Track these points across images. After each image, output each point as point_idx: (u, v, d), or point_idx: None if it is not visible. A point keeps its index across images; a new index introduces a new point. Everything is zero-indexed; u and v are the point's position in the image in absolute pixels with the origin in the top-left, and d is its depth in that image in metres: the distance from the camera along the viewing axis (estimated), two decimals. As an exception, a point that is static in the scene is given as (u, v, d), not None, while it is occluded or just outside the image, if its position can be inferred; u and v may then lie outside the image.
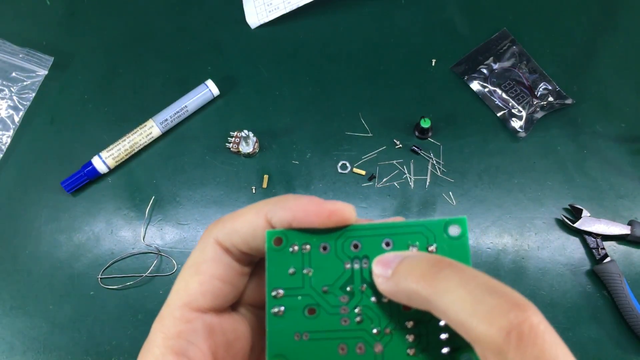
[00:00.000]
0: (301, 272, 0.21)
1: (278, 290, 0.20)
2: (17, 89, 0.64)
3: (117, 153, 0.59)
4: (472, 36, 0.66)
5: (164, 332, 0.21)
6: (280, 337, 0.20)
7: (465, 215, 0.21)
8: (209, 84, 0.62)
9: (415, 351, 0.19)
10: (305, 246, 0.21)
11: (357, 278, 0.20)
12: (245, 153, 0.60)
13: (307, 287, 0.20)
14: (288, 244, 0.21)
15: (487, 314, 0.16)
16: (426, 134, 0.61)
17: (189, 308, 0.21)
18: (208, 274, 0.21)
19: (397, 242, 0.20)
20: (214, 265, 0.21)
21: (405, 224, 0.21)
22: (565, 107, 0.63)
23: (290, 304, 0.20)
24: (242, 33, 0.67)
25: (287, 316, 0.20)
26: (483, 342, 0.16)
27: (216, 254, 0.22)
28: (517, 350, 0.15)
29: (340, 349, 0.20)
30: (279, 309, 0.20)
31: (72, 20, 0.68)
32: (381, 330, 0.20)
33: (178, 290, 0.22)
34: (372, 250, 0.20)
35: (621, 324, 0.55)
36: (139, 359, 0.22)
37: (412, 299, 0.18)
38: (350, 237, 0.21)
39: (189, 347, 0.21)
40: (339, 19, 0.67)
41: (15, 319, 0.56)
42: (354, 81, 0.64)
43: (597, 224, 0.57)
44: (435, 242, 0.20)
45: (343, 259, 0.21)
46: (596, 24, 0.67)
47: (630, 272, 0.56)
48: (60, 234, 0.59)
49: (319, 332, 0.20)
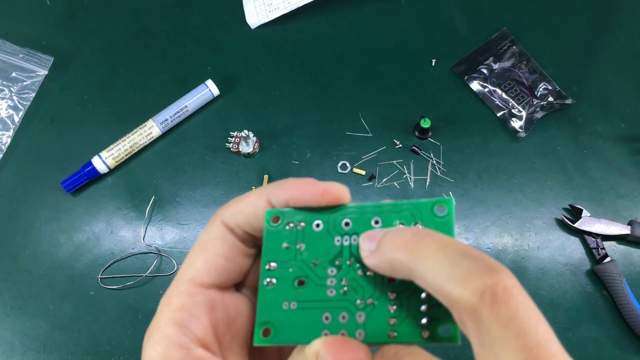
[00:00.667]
0: (294, 247, 0.22)
1: (271, 263, 0.22)
2: (17, 89, 0.64)
3: (117, 153, 0.59)
4: (472, 36, 0.66)
5: (168, 305, 0.22)
6: (269, 306, 0.21)
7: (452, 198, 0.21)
8: (209, 84, 0.62)
9: (395, 321, 0.20)
10: (300, 223, 0.22)
11: (346, 253, 0.21)
12: (245, 153, 0.60)
13: (298, 260, 0.22)
14: (285, 222, 0.22)
15: (463, 277, 0.17)
16: (426, 134, 0.61)
17: (193, 283, 0.22)
18: (212, 251, 0.22)
19: (385, 220, 0.21)
20: (218, 243, 0.23)
21: (394, 204, 0.21)
22: (565, 107, 0.63)
23: (282, 275, 0.21)
24: (242, 33, 0.67)
25: (278, 286, 0.21)
26: (459, 304, 0.17)
27: (221, 233, 0.23)
28: (491, 310, 0.16)
29: (325, 317, 0.21)
30: (271, 280, 0.21)
31: (72, 20, 0.68)
32: (364, 301, 0.20)
33: (185, 267, 0.23)
34: (361, 227, 0.21)
35: (621, 324, 0.55)
36: (147, 331, 0.22)
37: (394, 267, 0.19)
38: (342, 216, 0.22)
39: (191, 320, 0.21)
40: (339, 19, 0.67)
41: (16, 319, 0.56)
42: (354, 81, 0.64)
43: (597, 224, 0.57)
44: (422, 221, 0.21)
45: (334, 235, 0.22)
46: (596, 24, 0.67)
47: (630, 272, 0.56)
48: (61, 234, 0.59)
49: (306, 301, 0.21)
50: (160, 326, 0.22)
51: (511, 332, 0.16)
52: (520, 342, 0.16)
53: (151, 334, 0.22)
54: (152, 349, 0.21)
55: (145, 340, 0.22)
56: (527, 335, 0.16)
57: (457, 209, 0.59)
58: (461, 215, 0.59)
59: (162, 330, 0.21)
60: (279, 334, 0.21)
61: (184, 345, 0.21)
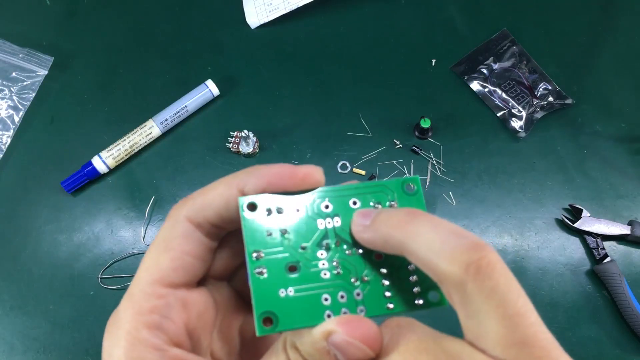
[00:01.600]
0: (278, 233, 0.22)
1: (259, 252, 0.21)
2: (17, 89, 0.64)
3: (117, 153, 0.59)
4: (472, 36, 0.66)
5: (135, 308, 0.21)
6: (265, 295, 0.21)
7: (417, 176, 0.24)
8: (209, 84, 0.62)
9: (391, 294, 0.22)
10: (280, 209, 0.22)
11: (331, 235, 0.22)
12: (245, 153, 0.60)
13: (286, 247, 0.22)
14: (262, 209, 0.22)
15: (450, 253, 0.18)
16: (426, 134, 0.61)
17: (161, 284, 0.22)
18: (179, 250, 0.22)
19: (363, 200, 0.23)
20: (184, 241, 0.22)
21: (369, 184, 0.23)
22: (565, 107, 0.63)
23: (271, 263, 0.21)
24: (242, 33, 0.67)
25: (270, 275, 0.21)
26: (446, 278, 0.18)
27: (187, 231, 0.22)
28: (475, 282, 0.17)
29: (324, 299, 0.21)
30: (261, 269, 0.21)
31: (73, 20, 0.68)
32: (359, 278, 0.22)
33: (148, 268, 0.22)
34: (342, 209, 0.22)
35: (621, 324, 0.55)
36: (107, 336, 0.22)
37: (388, 243, 0.20)
38: (321, 198, 0.22)
39: (163, 321, 0.21)
40: (339, 19, 0.67)
41: (15, 319, 0.56)
42: (354, 81, 0.64)
43: (597, 224, 0.57)
44: (396, 199, 0.23)
45: (316, 218, 0.22)
46: (596, 24, 0.67)
47: (630, 272, 0.56)
48: (61, 234, 0.59)
49: (302, 286, 0.21)
50: (127, 329, 0.21)
51: (493, 302, 0.17)
52: (500, 311, 0.17)
53: (118, 339, 0.21)
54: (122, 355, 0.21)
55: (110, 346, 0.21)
56: (508, 305, 0.17)
57: (457, 209, 0.59)
58: (461, 215, 0.59)
59: (131, 334, 0.21)
60: (282, 322, 0.21)
61: (158, 347, 0.21)
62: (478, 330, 0.18)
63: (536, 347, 0.17)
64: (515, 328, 0.17)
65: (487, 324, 0.17)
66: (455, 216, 0.59)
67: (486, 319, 0.17)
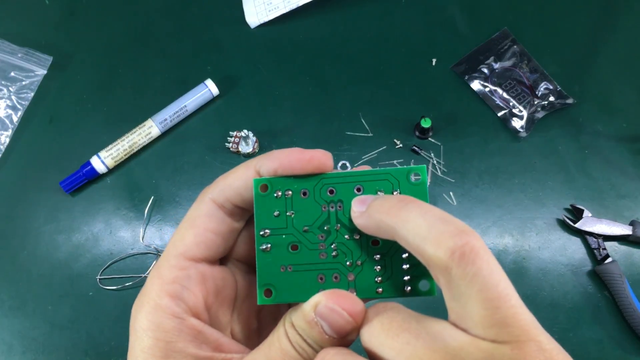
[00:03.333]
0: (285, 214, 0.23)
1: (265, 230, 0.23)
2: (15, 89, 0.63)
3: (116, 153, 0.59)
4: (472, 36, 0.66)
5: (160, 277, 0.23)
6: (268, 270, 0.23)
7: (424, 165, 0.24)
8: (208, 83, 0.62)
9: (382, 279, 0.23)
10: (288, 192, 0.24)
11: (333, 219, 0.24)
12: (245, 153, 0.60)
13: (290, 227, 0.24)
14: (273, 190, 0.24)
15: (437, 239, 0.19)
16: (426, 133, 0.61)
17: (184, 257, 0.24)
18: (202, 227, 0.24)
19: (366, 187, 0.24)
20: (207, 219, 0.24)
21: (374, 172, 0.24)
22: (567, 107, 0.63)
23: (276, 241, 0.23)
24: (242, 32, 0.67)
25: (274, 252, 0.23)
26: (433, 262, 0.19)
27: (210, 209, 0.24)
28: (459, 267, 0.18)
29: (319, 278, 0.23)
30: (267, 246, 0.23)
31: (71, 19, 0.68)
32: (353, 262, 0.23)
33: (174, 242, 0.24)
34: (345, 195, 0.24)
35: (622, 325, 0.54)
36: (135, 303, 0.24)
37: (380, 228, 0.21)
38: (327, 184, 0.24)
39: (183, 291, 0.23)
40: (339, 18, 0.67)
41: (14, 320, 0.56)
42: (354, 81, 0.64)
43: (598, 224, 0.57)
44: (399, 188, 0.23)
45: (320, 203, 0.24)
46: (597, 23, 0.67)
47: (632, 273, 0.56)
48: (59, 235, 0.58)
49: (301, 264, 0.23)
50: (152, 297, 0.23)
51: (475, 285, 0.18)
52: (482, 294, 0.18)
53: (142, 305, 0.23)
54: (144, 319, 0.22)
55: (136, 311, 0.23)
56: (489, 289, 0.18)
57: (458, 209, 0.59)
58: (462, 215, 0.59)
59: (154, 300, 0.23)
60: (280, 294, 0.23)
61: (177, 315, 0.22)
62: (461, 312, 0.18)
63: (515, 327, 0.18)
64: (496, 310, 0.18)
65: (470, 306, 0.18)
66: (456, 216, 0.58)
67: (469, 302, 0.18)
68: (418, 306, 0.55)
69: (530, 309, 0.54)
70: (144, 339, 0.22)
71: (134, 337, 0.23)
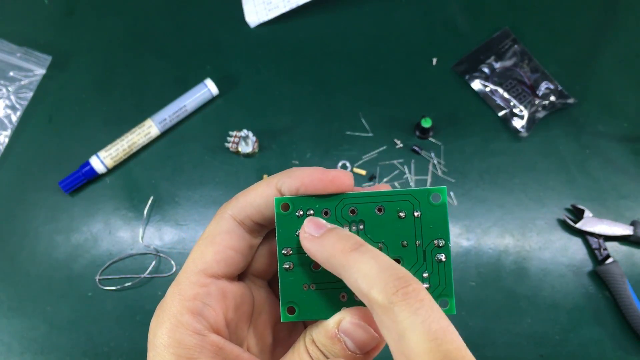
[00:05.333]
0: None
1: (287, 249, 0.24)
2: (14, 89, 0.63)
3: (116, 153, 0.59)
4: (473, 35, 0.66)
5: (181, 294, 0.24)
6: (291, 288, 0.24)
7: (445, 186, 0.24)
8: (208, 83, 0.62)
9: None
10: (309, 211, 0.24)
11: None
12: (244, 153, 0.60)
13: None
14: (294, 209, 0.24)
15: (384, 281, 0.20)
16: (427, 133, 0.61)
17: (205, 274, 0.24)
18: (222, 244, 0.24)
19: (387, 208, 0.24)
20: (228, 236, 0.24)
21: (395, 192, 0.24)
22: (567, 107, 0.62)
23: (298, 260, 0.24)
24: (242, 32, 0.66)
25: (296, 270, 0.24)
26: (377, 302, 0.20)
27: (230, 227, 0.25)
28: (402, 303, 0.19)
29: (341, 296, 0.24)
30: (289, 265, 0.24)
31: (71, 19, 0.67)
32: None
33: (194, 259, 0.24)
34: (367, 215, 0.24)
35: (623, 325, 0.54)
36: (154, 318, 0.24)
37: (329, 262, 0.22)
38: (348, 204, 0.24)
39: (204, 308, 0.23)
40: (339, 18, 0.67)
41: (13, 320, 0.55)
42: (354, 81, 0.64)
43: (599, 225, 0.57)
44: (420, 209, 0.24)
45: (342, 222, 0.24)
46: (598, 23, 0.67)
47: (633, 273, 0.56)
48: (58, 235, 0.58)
49: (323, 283, 0.24)
50: (172, 313, 0.23)
51: (419, 318, 0.19)
52: (426, 326, 0.18)
53: (162, 321, 0.23)
54: (165, 335, 0.23)
55: (156, 327, 0.23)
56: (433, 321, 0.19)
57: (459, 210, 0.59)
58: (462, 215, 0.58)
59: (175, 317, 0.23)
60: (303, 312, 0.23)
61: (198, 332, 0.23)
62: (405, 349, 0.19)
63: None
64: (440, 343, 0.18)
65: (413, 339, 0.18)
66: (457, 216, 0.58)
67: (413, 335, 0.18)
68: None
69: (531, 309, 0.54)
70: (165, 356, 0.22)
71: (153, 353, 0.23)
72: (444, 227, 0.24)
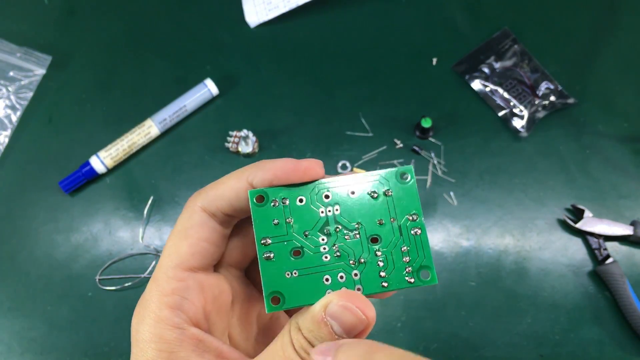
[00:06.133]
0: (284, 222, 0.24)
1: (266, 239, 0.24)
2: (14, 88, 0.63)
3: (116, 153, 0.59)
4: (473, 35, 0.66)
5: (159, 290, 0.24)
6: (273, 277, 0.23)
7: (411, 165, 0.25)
8: (208, 83, 0.62)
9: (385, 273, 0.24)
10: (284, 200, 0.24)
11: (332, 222, 0.24)
12: (244, 153, 0.60)
13: (290, 234, 0.24)
14: (269, 200, 0.24)
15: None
16: (427, 133, 0.61)
17: (181, 268, 0.24)
18: (196, 237, 0.25)
19: (360, 190, 0.25)
20: (201, 229, 0.25)
21: (365, 175, 0.25)
22: (568, 107, 0.62)
23: (278, 249, 0.24)
24: (242, 32, 0.66)
25: (277, 259, 0.24)
26: None
27: (202, 219, 0.25)
28: None
29: (325, 279, 0.24)
30: (269, 254, 0.24)
31: (71, 19, 0.67)
32: (356, 260, 0.24)
33: (170, 254, 0.24)
34: (340, 199, 0.25)
35: (623, 326, 0.54)
36: (135, 316, 0.24)
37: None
38: (322, 189, 0.25)
39: (183, 302, 0.24)
40: (339, 18, 0.67)
41: (13, 320, 0.55)
42: (354, 81, 0.64)
43: (599, 225, 0.57)
44: (391, 188, 0.25)
45: (317, 207, 0.24)
46: (598, 23, 0.67)
47: (633, 273, 0.56)
48: (58, 235, 0.58)
49: (305, 268, 0.24)
50: (152, 309, 0.23)
51: None
52: None
53: (143, 317, 0.23)
54: (147, 331, 0.23)
55: (137, 323, 0.24)
56: None
57: (459, 210, 0.59)
58: (462, 215, 0.58)
59: (155, 312, 0.23)
60: (288, 300, 0.23)
61: (178, 326, 0.23)
62: None
63: None
64: None
65: None
66: (457, 216, 0.58)
67: None
68: (420, 306, 0.55)
69: (531, 309, 0.54)
70: (148, 351, 0.23)
71: (137, 349, 0.23)
72: (415, 202, 0.25)
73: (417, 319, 0.54)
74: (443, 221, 0.58)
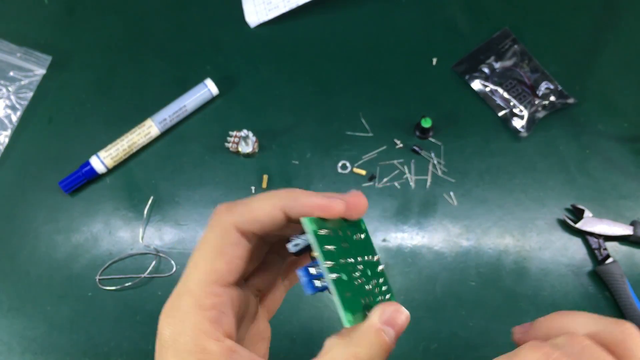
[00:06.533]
0: (340, 247, 0.26)
1: (328, 262, 0.25)
2: (14, 89, 0.63)
3: (116, 153, 0.59)
4: (473, 35, 0.66)
5: (197, 303, 0.25)
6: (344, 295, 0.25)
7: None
8: (208, 83, 0.62)
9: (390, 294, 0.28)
10: (339, 232, 0.26)
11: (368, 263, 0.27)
12: (244, 153, 0.60)
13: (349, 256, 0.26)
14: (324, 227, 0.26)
15: None
16: (427, 133, 0.61)
17: (218, 284, 0.26)
18: (232, 255, 0.26)
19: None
20: (236, 248, 0.26)
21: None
22: (567, 107, 0.62)
23: (342, 270, 0.25)
24: (242, 32, 0.66)
25: (343, 280, 0.25)
26: None
27: (237, 239, 0.26)
28: None
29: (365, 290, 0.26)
30: (340, 276, 0.25)
31: (71, 19, 0.67)
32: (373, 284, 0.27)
33: (207, 271, 0.26)
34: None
35: (624, 326, 0.54)
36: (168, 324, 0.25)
37: None
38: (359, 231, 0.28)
39: (221, 316, 0.25)
40: (339, 18, 0.67)
41: (13, 320, 0.55)
42: (354, 81, 0.64)
43: (599, 225, 0.57)
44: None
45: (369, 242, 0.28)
46: (598, 22, 0.67)
47: (633, 273, 0.56)
48: (58, 235, 0.58)
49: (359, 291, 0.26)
50: (193, 322, 0.25)
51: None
52: None
53: (185, 329, 0.25)
54: (188, 342, 0.25)
55: (178, 334, 0.25)
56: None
57: (459, 210, 0.59)
58: (462, 215, 0.58)
59: (196, 325, 0.25)
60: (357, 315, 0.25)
61: (218, 339, 0.25)
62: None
63: None
64: None
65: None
66: (457, 217, 0.58)
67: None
68: (420, 306, 0.55)
69: (531, 309, 0.54)
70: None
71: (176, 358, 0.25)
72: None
73: (417, 319, 0.54)
74: (443, 221, 0.58)
